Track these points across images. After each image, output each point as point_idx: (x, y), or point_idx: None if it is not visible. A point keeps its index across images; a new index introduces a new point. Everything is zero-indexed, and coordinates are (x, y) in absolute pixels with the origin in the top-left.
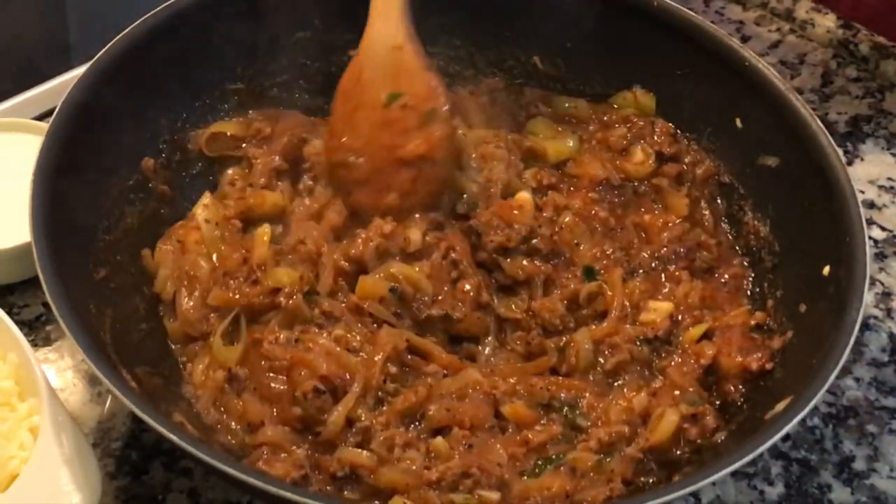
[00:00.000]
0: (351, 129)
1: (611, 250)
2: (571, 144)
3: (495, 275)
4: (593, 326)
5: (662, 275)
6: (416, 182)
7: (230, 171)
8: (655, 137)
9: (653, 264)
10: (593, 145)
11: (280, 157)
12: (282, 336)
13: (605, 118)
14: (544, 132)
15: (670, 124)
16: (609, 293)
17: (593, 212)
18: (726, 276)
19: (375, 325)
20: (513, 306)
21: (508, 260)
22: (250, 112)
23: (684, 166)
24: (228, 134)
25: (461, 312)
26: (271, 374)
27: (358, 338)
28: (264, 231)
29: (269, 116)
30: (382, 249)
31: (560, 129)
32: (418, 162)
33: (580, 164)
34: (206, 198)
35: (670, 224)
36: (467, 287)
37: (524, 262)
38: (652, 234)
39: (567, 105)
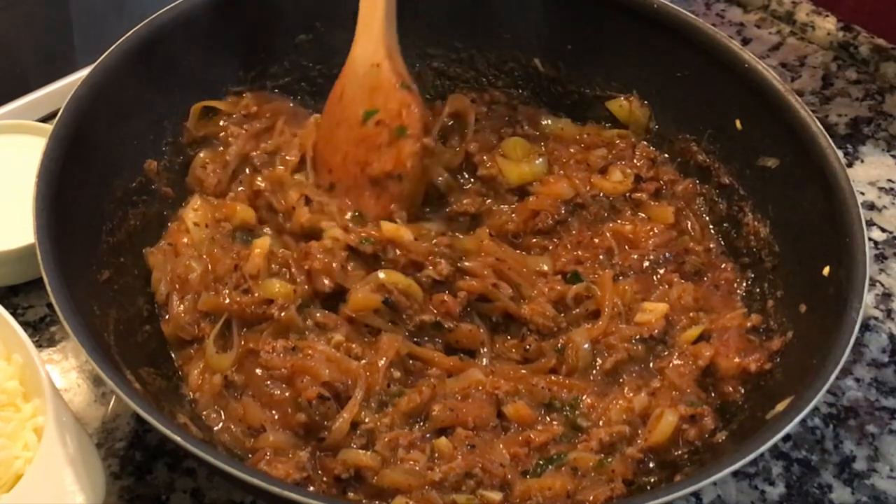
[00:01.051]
0: (331, 147)
1: (587, 255)
2: (538, 164)
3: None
4: (587, 326)
5: (654, 277)
6: (379, 199)
7: (201, 154)
8: (635, 161)
9: (644, 265)
10: (571, 164)
11: (255, 142)
12: (279, 345)
13: (588, 140)
14: (515, 153)
15: (652, 149)
16: (599, 293)
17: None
18: (720, 281)
19: (370, 334)
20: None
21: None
22: (245, 94)
23: (661, 183)
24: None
25: (451, 323)
26: (270, 383)
27: (358, 345)
28: (263, 243)
29: (261, 98)
30: (343, 262)
31: (534, 149)
32: (384, 179)
33: (545, 184)
34: (196, 201)
35: (655, 230)
36: (445, 298)
37: (471, 281)
38: (638, 239)
39: (549, 123)
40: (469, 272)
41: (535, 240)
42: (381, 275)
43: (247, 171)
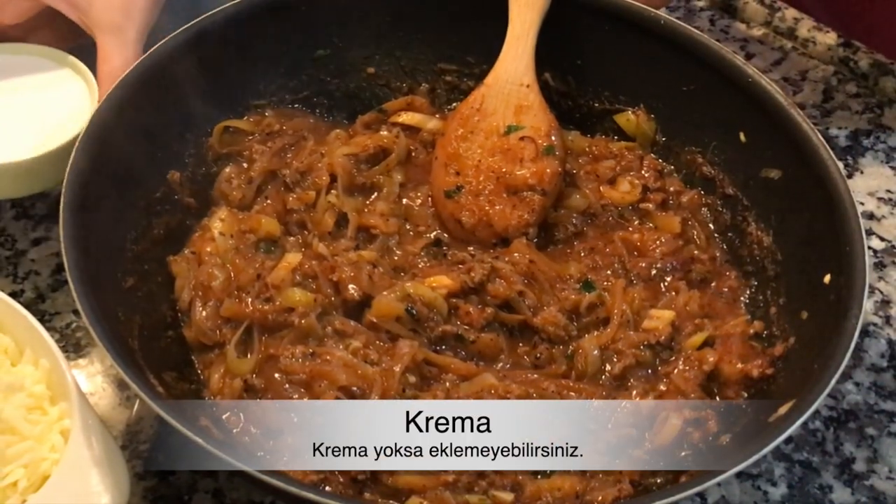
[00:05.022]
0: (463, 150)
1: (601, 262)
2: None
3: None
4: (596, 333)
5: (661, 285)
6: (516, 208)
7: (227, 170)
8: (643, 172)
9: (651, 273)
10: (581, 175)
11: (279, 158)
12: (298, 351)
13: (597, 151)
14: None
15: (658, 160)
16: (609, 301)
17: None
18: (724, 288)
19: (390, 341)
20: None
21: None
22: (266, 112)
23: (668, 194)
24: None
25: (474, 335)
26: (288, 387)
27: (374, 351)
28: (294, 259)
29: (282, 114)
30: (370, 273)
31: None
32: (524, 190)
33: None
34: (223, 211)
35: (662, 240)
36: (470, 309)
37: (499, 285)
38: (646, 248)
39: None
40: (501, 275)
41: (549, 249)
42: (409, 285)
43: (270, 186)
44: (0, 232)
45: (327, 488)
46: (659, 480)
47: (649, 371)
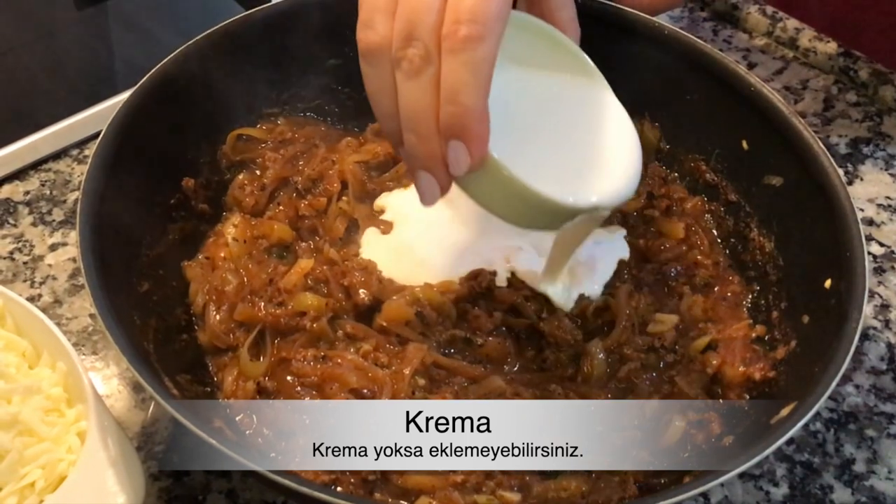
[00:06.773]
0: None
1: None
2: None
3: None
4: (601, 337)
5: (666, 289)
6: None
7: (240, 177)
8: (648, 179)
9: (656, 278)
10: None
11: (291, 166)
12: (310, 354)
13: None
14: None
15: (663, 167)
16: (615, 305)
17: None
18: (727, 293)
19: (399, 344)
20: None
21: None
22: (279, 120)
23: (672, 201)
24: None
25: (482, 339)
26: (300, 389)
27: (385, 355)
28: (306, 265)
29: (294, 122)
30: (380, 277)
31: None
32: None
33: None
34: (236, 217)
35: (667, 245)
36: (479, 314)
37: (507, 291)
38: (650, 254)
39: None
40: (509, 281)
41: None
42: (418, 289)
43: (283, 192)
44: (18, 237)
45: (338, 489)
46: (663, 481)
47: (654, 374)
